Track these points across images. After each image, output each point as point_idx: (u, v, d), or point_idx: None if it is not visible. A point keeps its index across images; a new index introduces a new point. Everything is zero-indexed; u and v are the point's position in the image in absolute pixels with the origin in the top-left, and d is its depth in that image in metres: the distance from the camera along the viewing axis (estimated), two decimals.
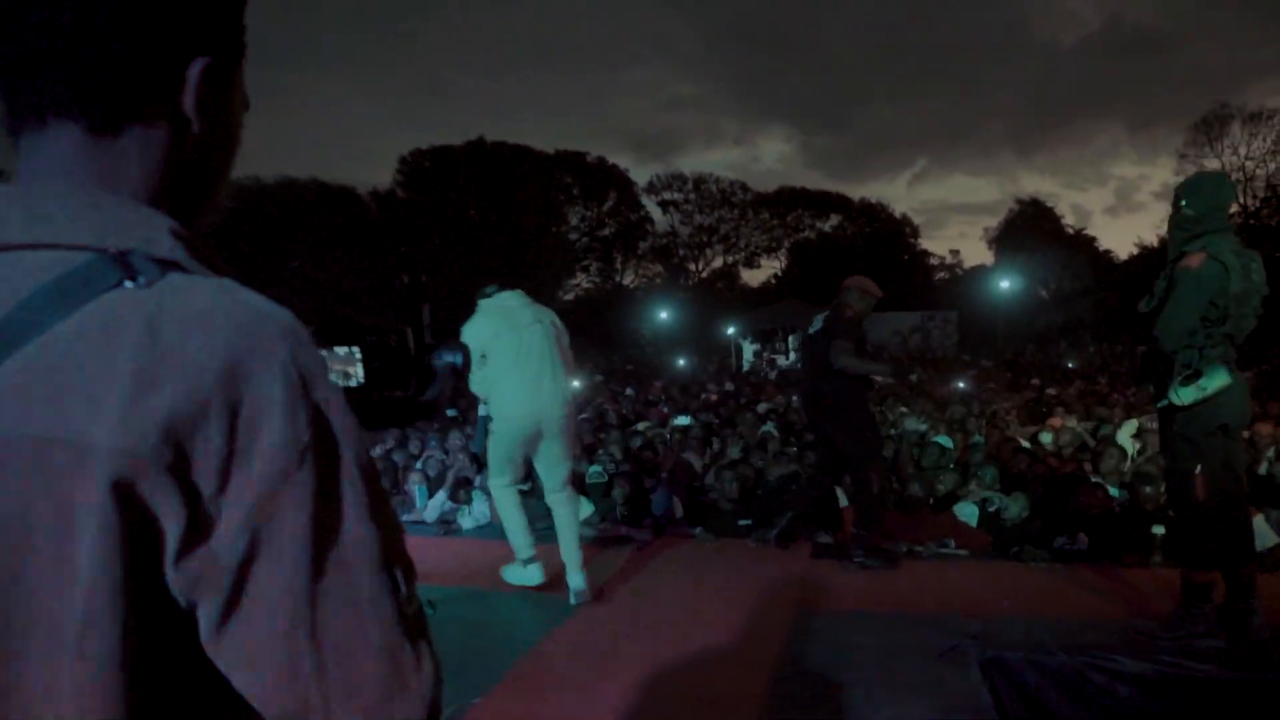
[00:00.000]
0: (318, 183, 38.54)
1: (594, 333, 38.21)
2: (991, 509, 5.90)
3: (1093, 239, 43.55)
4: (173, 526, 0.62)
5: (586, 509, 6.59)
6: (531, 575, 5.06)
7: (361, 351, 1.05)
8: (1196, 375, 3.63)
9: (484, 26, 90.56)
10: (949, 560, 5.46)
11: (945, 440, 7.95)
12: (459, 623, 4.54)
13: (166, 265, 0.68)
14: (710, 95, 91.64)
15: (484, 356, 4.74)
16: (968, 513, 6.00)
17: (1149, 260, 39.26)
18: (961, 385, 14.50)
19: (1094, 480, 6.12)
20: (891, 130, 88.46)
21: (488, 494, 6.67)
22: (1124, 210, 78.72)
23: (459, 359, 1.18)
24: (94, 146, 0.71)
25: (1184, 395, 3.66)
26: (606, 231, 46.40)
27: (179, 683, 0.67)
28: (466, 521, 6.71)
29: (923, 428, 9.07)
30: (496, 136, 41.55)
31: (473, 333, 4.81)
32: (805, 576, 5.21)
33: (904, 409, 10.55)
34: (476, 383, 4.82)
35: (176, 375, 0.62)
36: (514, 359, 4.71)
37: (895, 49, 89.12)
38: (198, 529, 0.63)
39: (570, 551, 4.89)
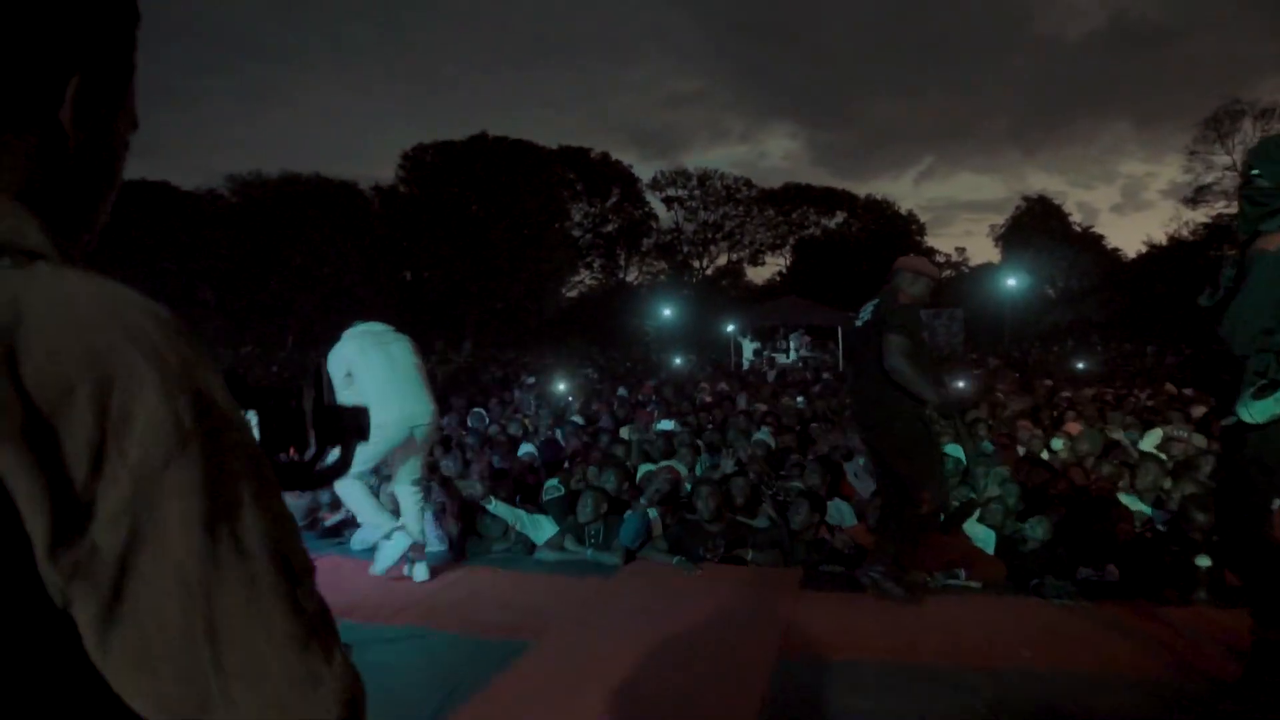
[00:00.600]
0: (320, 178, 38.42)
1: (597, 330, 37.79)
2: (1010, 532, 5.17)
3: (1100, 237, 42.76)
4: (40, 515, 0.58)
5: (548, 529, 5.87)
6: (400, 541, 5.00)
7: (259, 415, 0.96)
8: (1274, 386, 2.89)
9: (484, 22, 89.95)
10: (959, 594, 4.73)
11: (955, 450, 7.21)
12: (381, 668, 3.85)
13: (34, 256, 0.66)
14: (714, 91, 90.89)
15: (349, 376, 4.96)
16: (982, 536, 5.25)
17: (1158, 259, 38.65)
18: (964, 384, 13.66)
19: (1124, 499, 5.39)
20: (897, 127, 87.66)
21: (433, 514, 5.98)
22: (1131, 209, 77.98)
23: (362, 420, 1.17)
24: None
25: (1258, 411, 2.92)
26: (610, 228, 46.16)
27: (52, 697, 0.61)
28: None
29: None
30: (499, 132, 41.27)
31: (337, 355, 5.05)
32: (791, 613, 4.50)
33: None
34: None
35: (38, 353, 0.59)
36: (384, 369, 4.99)
37: (899, 45, 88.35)
38: (72, 518, 0.59)
39: (414, 524, 5.08)
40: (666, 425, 9.00)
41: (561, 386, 14.67)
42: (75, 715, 0.62)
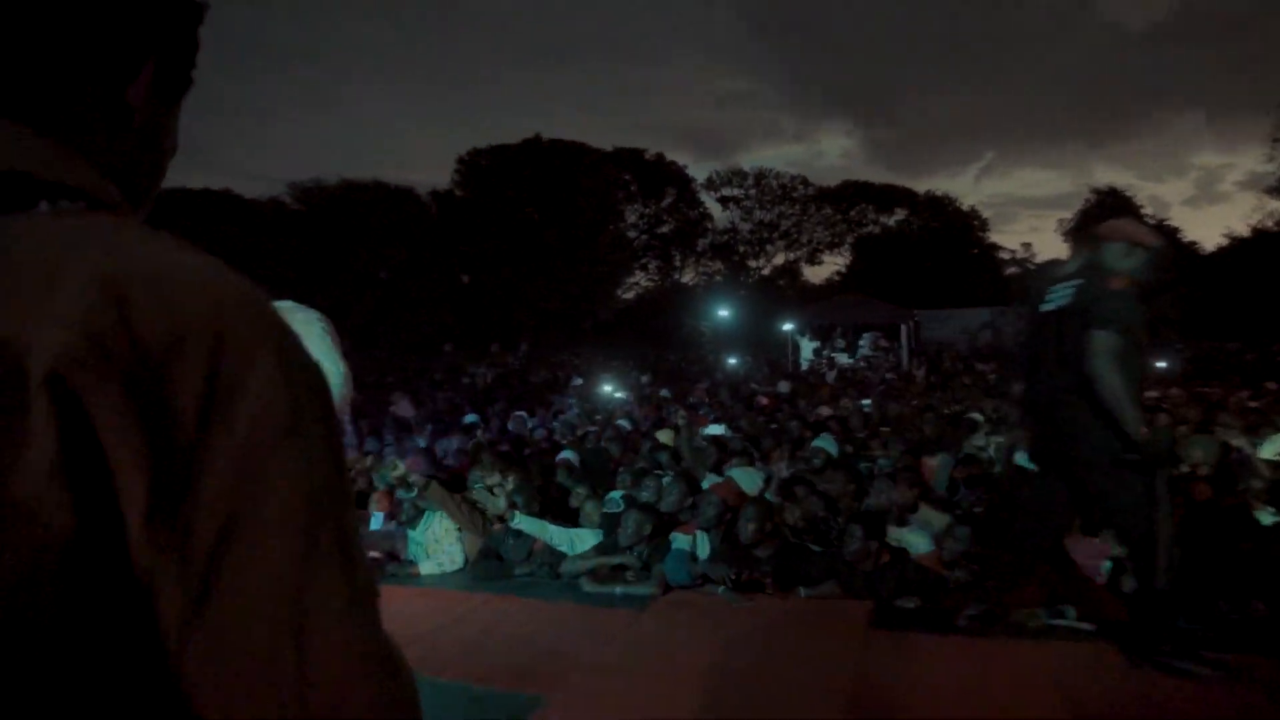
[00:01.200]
0: (378, 184, 38.87)
1: (653, 332, 37.28)
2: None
3: (1176, 230, 40.70)
4: (138, 481, 0.51)
5: (589, 540, 5.16)
6: None
7: None
8: None
9: (537, 25, 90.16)
10: (1068, 639, 3.85)
11: (1027, 462, 6.31)
12: None
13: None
14: (768, 90, 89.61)
15: None
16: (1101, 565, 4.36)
17: (1240, 252, 36.71)
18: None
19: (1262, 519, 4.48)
20: (956, 123, 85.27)
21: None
22: (1205, 201, 74.79)
23: None
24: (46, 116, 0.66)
25: None
26: (665, 229, 45.62)
27: (118, 694, 0.53)
28: (426, 565, 5.27)
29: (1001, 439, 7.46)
30: (553, 134, 41.46)
31: None
32: (861, 660, 3.72)
33: (976, 415, 8.89)
34: None
35: (149, 298, 0.53)
36: None
37: (957, 39, 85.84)
38: (171, 490, 0.52)
39: None
40: (715, 430, 8.17)
41: (609, 389, 13.94)
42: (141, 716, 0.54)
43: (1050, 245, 46.22)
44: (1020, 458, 6.44)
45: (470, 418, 11.20)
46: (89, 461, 0.50)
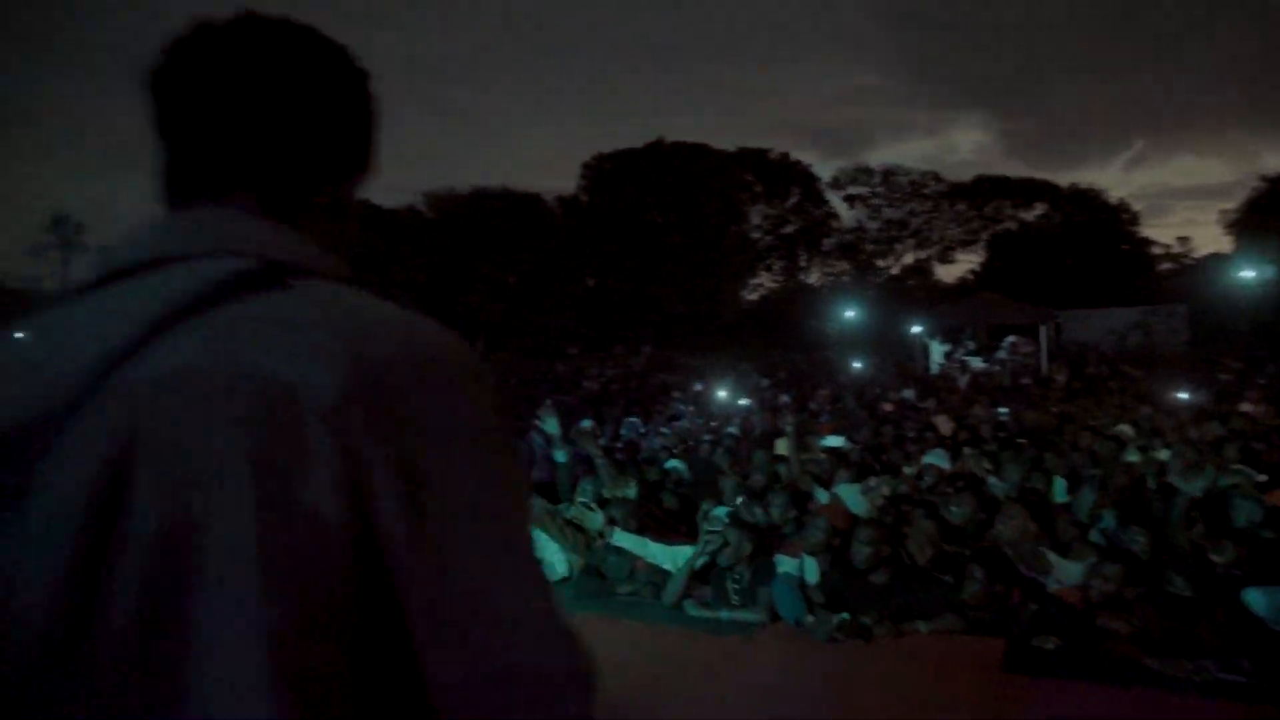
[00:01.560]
0: (507, 190, 39.85)
1: (778, 333, 36.76)
2: None
3: None
4: (392, 487, 0.64)
5: (684, 550, 4.86)
6: None
7: None
8: None
9: (656, 27, 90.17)
10: (1235, 698, 3.34)
11: (1186, 485, 5.61)
12: None
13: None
14: (895, 85, 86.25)
15: None
16: (1262, 602, 3.78)
17: None
18: (1187, 395, 11.16)
19: None
20: (1103, 110, 79.76)
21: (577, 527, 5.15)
22: None
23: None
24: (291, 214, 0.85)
25: None
26: (789, 229, 44.98)
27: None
28: None
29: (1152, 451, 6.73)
30: (677, 136, 41.41)
31: None
32: (993, 709, 3.31)
33: (1125, 426, 8.07)
34: None
35: (381, 343, 0.68)
36: None
37: (1101, 20, 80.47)
38: (415, 492, 0.65)
39: None
40: (834, 441, 7.71)
41: (725, 394, 13.50)
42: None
43: (1210, 238, 42.91)
44: (1177, 479, 5.74)
45: (585, 423, 11.10)
46: (352, 477, 0.63)
